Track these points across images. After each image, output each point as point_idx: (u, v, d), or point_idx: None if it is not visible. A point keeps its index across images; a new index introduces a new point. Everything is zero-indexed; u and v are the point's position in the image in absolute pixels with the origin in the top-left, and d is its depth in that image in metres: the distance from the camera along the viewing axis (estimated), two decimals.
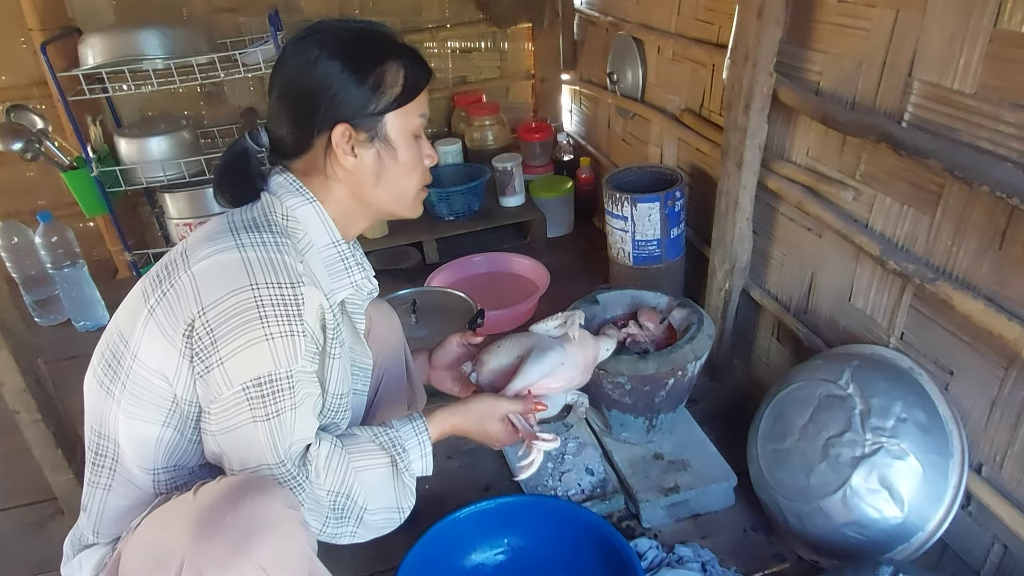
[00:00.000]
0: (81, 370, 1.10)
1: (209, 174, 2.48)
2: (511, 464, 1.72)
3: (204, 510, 0.91)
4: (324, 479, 1.02)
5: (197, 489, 0.95)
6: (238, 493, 0.92)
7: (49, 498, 1.72)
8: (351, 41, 1.06)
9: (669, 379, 1.55)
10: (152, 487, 1.05)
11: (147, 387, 1.00)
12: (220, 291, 0.96)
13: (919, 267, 1.33)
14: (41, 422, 1.55)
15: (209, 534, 0.88)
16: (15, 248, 2.45)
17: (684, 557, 1.44)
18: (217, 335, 0.95)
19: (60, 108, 2.42)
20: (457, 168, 2.87)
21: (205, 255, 1.00)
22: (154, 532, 0.98)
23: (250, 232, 1.02)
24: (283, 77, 1.07)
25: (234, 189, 1.10)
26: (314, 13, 2.81)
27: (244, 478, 0.96)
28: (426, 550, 1.38)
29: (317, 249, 1.10)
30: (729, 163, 1.72)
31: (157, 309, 1.00)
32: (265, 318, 0.95)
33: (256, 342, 0.95)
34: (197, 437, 1.04)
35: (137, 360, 1.00)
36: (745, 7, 1.57)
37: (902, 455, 1.28)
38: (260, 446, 0.97)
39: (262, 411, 0.96)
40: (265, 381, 0.96)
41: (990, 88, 1.16)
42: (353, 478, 1.05)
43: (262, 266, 0.97)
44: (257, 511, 0.90)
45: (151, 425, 1.02)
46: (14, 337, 1.48)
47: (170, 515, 0.97)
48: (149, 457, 1.04)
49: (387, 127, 1.08)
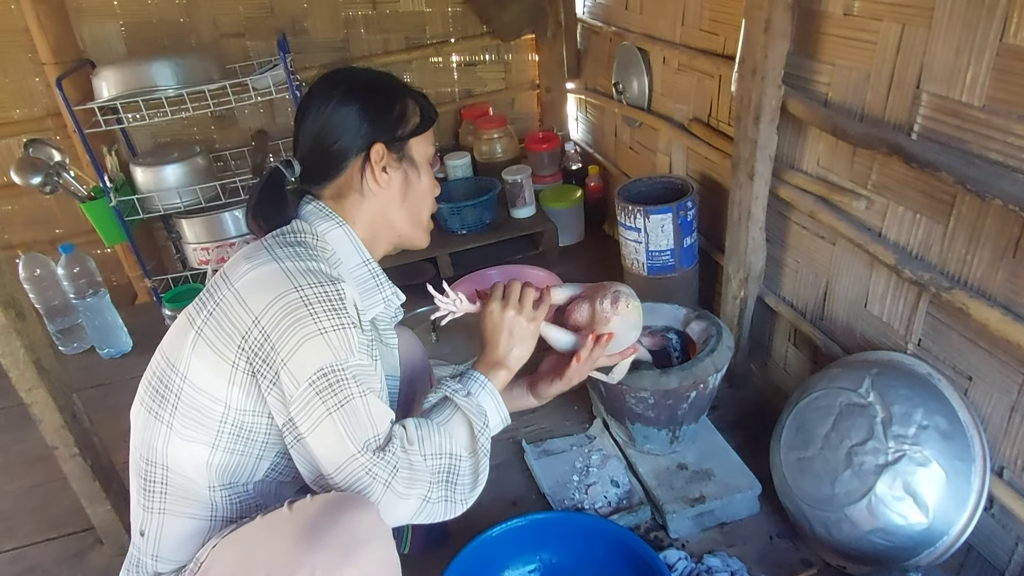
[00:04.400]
0: (108, 398, 1.14)
1: (224, 199, 2.53)
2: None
3: (307, 523, 0.95)
4: (420, 446, 1.05)
5: (290, 505, 1.00)
6: (337, 507, 0.97)
7: (87, 528, 1.76)
8: (372, 81, 1.21)
9: (691, 392, 1.57)
10: (210, 503, 1.09)
11: (197, 407, 1.05)
12: (267, 297, 1.01)
13: (934, 275, 1.35)
14: (79, 456, 1.59)
15: (315, 545, 0.93)
16: (38, 280, 2.49)
17: (713, 567, 1.47)
18: (273, 338, 1.00)
19: (76, 140, 2.47)
20: (467, 182, 2.91)
21: (245, 271, 1.06)
22: (247, 550, 1.01)
23: (284, 248, 1.09)
24: (315, 112, 1.16)
25: (267, 215, 1.17)
26: (320, 35, 2.84)
27: (339, 494, 1.00)
28: (462, 569, 1.41)
29: (347, 269, 1.16)
30: (740, 174, 1.74)
31: (205, 328, 1.05)
32: (315, 315, 1.00)
33: (311, 337, 0.99)
34: (249, 451, 1.09)
35: (187, 381, 1.05)
36: (752, 21, 1.59)
37: (925, 462, 1.31)
38: (341, 437, 1.00)
39: (333, 401, 0.99)
40: (329, 371, 1.00)
41: (999, 101, 1.18)
42: (447, 436, 1.09)
43: (301, 272, 1.03)
44: (358, 525, 0.95)
45: (203, 446, 1.06)
46: (50, 376, 1.52)
47: (261, 531, 1.01)
48: (204, 475, 1.08)
49: (412, 150, 1.21)
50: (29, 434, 2.00)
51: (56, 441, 1.56)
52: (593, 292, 1.28)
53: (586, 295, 1.29)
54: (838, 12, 1.48)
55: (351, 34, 2.89)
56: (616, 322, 1.24)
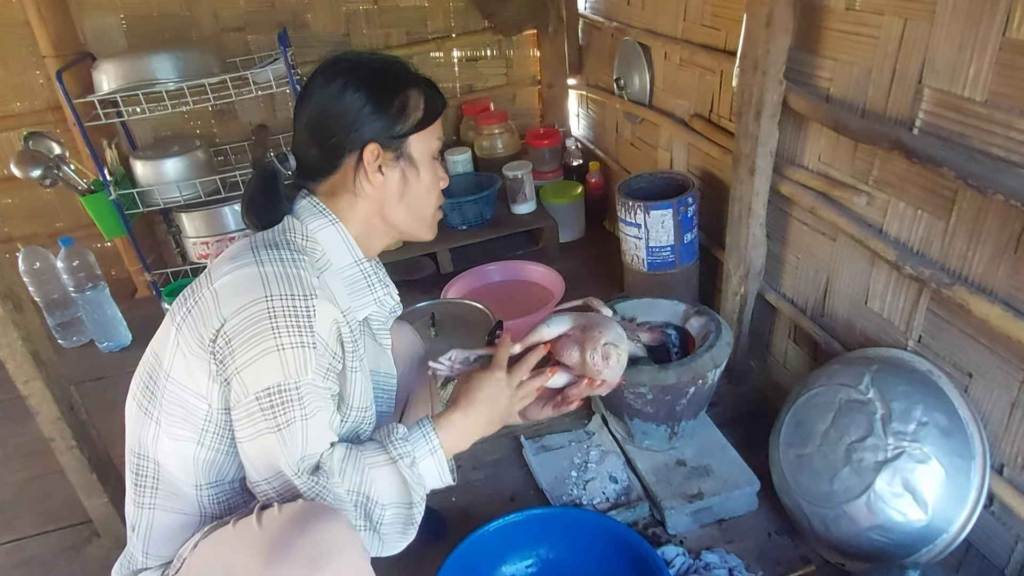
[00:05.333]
0: (107, 391, 1.14)
1: (225, 192, 2.52)
2: (537, 476, 1.75)
3: (274, 535, 0.94)
4: (342, 479, 1.03)
5: (259, 515, 0.98)
6: (304, 518, 0.95)
7: (85, 521, 1.76)
8: (375, 71, 1.13)
9: (690, 388, 1.57)
10: (197, 502, 1.09)
11: (182, 404, 1.05)
12: (238, 303, 1.00)
13: (935, 272, 1.35)
14: (76, 448, 1.58)
15: (281, 557, 0.92)
16: (37, 273, 2.49)
17: (711, 564, 1.47)
18: (234, 345, 0.99)
19: (76, 133, 2.46)
20: (468, 177, 2.90)
21: (226, 271, 1.05)
22: (218, 559, 1.01)
23: (269, 249, 1.07)
24: (312, 104, 1.12)
25: (262, 213, 1.14)
26: (321, 29, 2.84)
27: (307, 504, 0.99)
28: (458, 564, 1.41)
29: (336, 269, 1.14)
30: (741, 170, 1.74)
31: (183, 327, 1.05)
32: (277, 328, 0.99)
33: (268, 352, 0.98)
34: (233, 450, 1.08)
35: (171, 379, 1.05)
36: (753, 16, 1.58)
37: (924, 459, 1.30)
38: (276, 456, 1.00)
39: (273, 421, 0.99)
40: (275, 391, 0.99)
41: (1001, 96, 1.17)
42: (368, 475, 1.05)
43: (278, 279, 1.02)
44: (325, 535, 0.93)
45: (189, 443, 1.06)
46: (48, 368, 1.52)
47: (234, 541, 1.00)
48: (191, 473, 1.08)
49: (411, 148, 1.15)
50: (27, 427, 1.99)
51: (53, 433, 1.56)
52: (583, 334, 1.30)
53: (575, 336, 1.30)
54: (840, 7, 1.48)
55: (352, 28, 2.89)
56: (609, 375, 1.28)
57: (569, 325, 1.32)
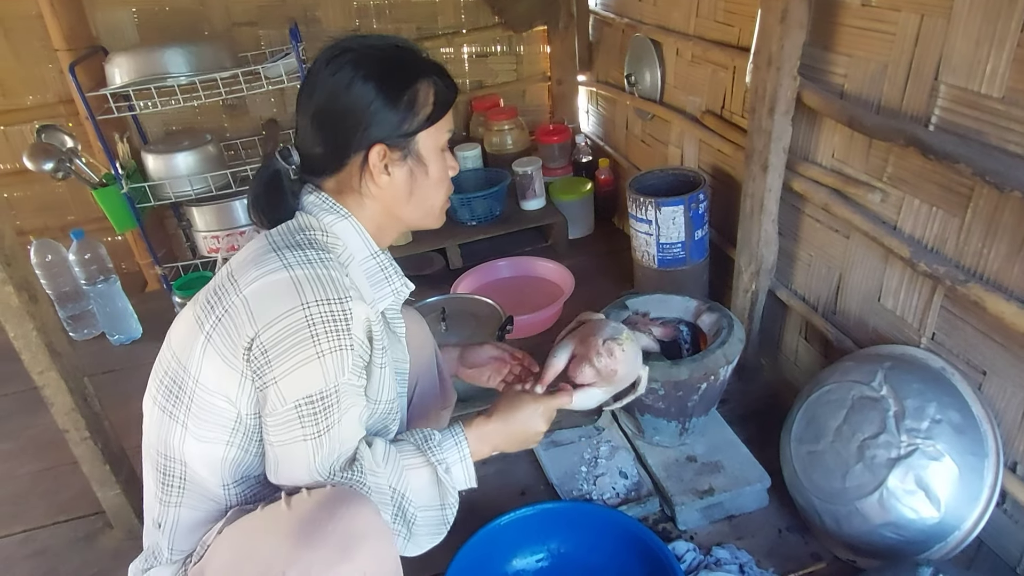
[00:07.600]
0: (118, 383, 1.14)
1: (235, 187, 2.53)
2: (547, 472, 1.75)
3: (304, 519, 0.95)
4: (383, 469, 1.05)
5: (287, 499, 0.99)
6: (334, 503, 0.96)
7: (97, 512, 1.77)
8: (384, 62, 1.08)
9: (702, 384, 1.57)
10: (224, 500, 1.10)
11: (211, 409, 1.04)
12: (273, 312, 0.99)
13: (950, 269, 1.34)
14: (89, 439, 1.59)
15: (312, 542, 0.92)
16: (49, 265, 2.50)
17: (722, 559, 1.47)
18: (271, 355, 0.98)
19: (88, 126, 2.47)
20: (477, 173, 2.90)
21: (254, 277, 1.02)
22: (244, 542, 1.01)
23: (294, 251, 1.04)
24: (317, 98, 1.08)
25: (269, 210, 1.13)
26: (332, 25, 2.84)
27: (337, 489, 1.00)
28: (469, 557, 1.41)
29: (358, 262, 1.13)
30: (754, 166, 1.73)
31: (214, 335, 1.03)
32: (316, 336, 0.98)
33: (308, 361, 0.98)
34: (261, 449, 1.09)
35: (199, 385, 1.04)
36: (768, 11, 1.57)
37: (937, 456, 1.30)
38: (309, 462, 1.01)
39: (313, 429, 1.00)
40: (317, 399, 0.99)
41: (1019, 92, 1.17)
42: (405, 475, 1.08)
43: (311, 284, 1.00)
44: (355, 520, 0.95)
45: (217, 445, 1.06)
46: (62, 359, 1.52)
47: (261, 525, 1.01)
48: (218, 473, 1.08)
49: (419, 145, 1.11)
50: (41, 418, 2.01)
51: (67, 424, 1.57)
52: (583, 347, 1.30)
53: (580, 354, 1.31)
54: (856, 2, 1.47)
55: (363, 24, 2.88)
56: (622, 368, 1.29)
57: (571, 347, 1.33)
